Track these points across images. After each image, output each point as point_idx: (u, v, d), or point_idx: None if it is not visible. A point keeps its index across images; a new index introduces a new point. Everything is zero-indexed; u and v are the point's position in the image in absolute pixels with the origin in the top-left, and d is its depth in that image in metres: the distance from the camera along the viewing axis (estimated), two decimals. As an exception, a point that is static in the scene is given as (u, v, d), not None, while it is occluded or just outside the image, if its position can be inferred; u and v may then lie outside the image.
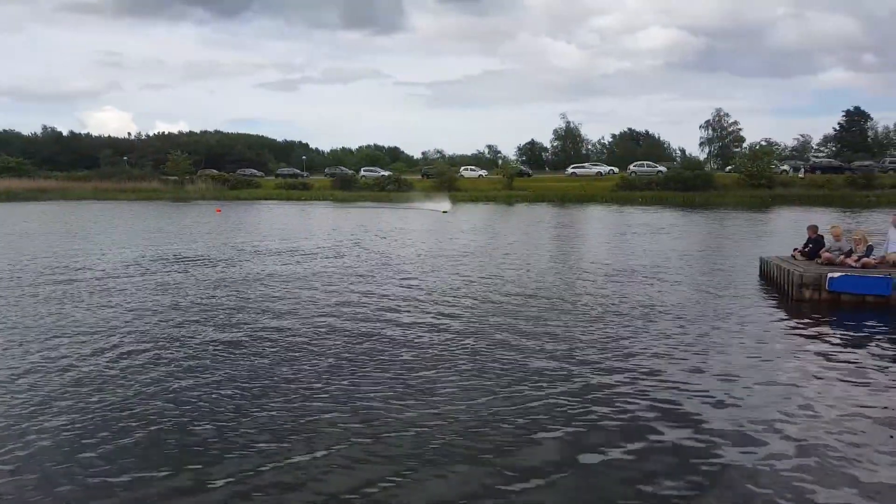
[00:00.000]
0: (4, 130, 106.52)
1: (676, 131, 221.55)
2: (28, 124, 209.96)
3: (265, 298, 13.60)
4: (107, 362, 9.07)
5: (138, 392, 7.88)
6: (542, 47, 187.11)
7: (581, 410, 7.24)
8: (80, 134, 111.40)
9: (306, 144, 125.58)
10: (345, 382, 8.21)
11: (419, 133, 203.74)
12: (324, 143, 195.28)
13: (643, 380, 8.23)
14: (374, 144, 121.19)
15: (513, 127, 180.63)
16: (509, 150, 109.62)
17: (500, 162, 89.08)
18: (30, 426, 6.83)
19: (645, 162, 70.15)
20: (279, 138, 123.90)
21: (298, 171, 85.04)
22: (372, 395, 7.76)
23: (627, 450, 6.26)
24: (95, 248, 23.24)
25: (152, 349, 9.75)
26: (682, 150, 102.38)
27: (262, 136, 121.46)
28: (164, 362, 9.09)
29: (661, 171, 64.75)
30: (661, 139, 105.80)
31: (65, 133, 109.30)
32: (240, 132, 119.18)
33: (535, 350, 9.58)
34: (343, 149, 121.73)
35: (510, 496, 5.46)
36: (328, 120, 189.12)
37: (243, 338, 10.40)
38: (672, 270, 17.36)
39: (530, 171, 76.98)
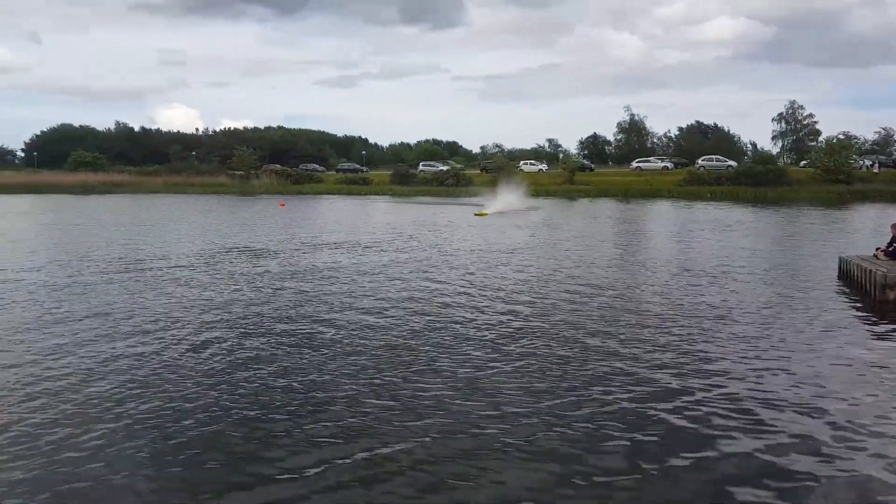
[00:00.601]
0: (81, 126, 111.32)
1: (744, 124, 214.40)
2: (102, 122, 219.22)
3: (327, 291, 13.61)
4: (169, 352, 9.20)
5: (198, 382, 7.93)
6: (601, 39, 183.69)
7: (650, 415, 6.89)
8: (150, 130, 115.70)
9: (366, 140, 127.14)
10: (403, 378, 8.06)
11: (477, 127, 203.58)
12: (382, 138, 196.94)
13: (718, 385, 7.78)
14: (433, 139, 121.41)
15: (572, 120, 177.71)
16: (570, 144, 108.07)
17: (560, 156, 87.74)
18: (88, 414, 6.94)
19: (714, 156, 67.86)
20: (339, 134, 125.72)
21: (358, 166, 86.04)
22: (431, 392, 7.58)
23: (699, 456, 5.89)
24: (167, 238, 23.93)
25: (213, 339, 9.84)
26: (754, 144, 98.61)
27: (323, 132, 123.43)
28: (224, 353, 9.15)
29: (731, 166, 62.49)
30: (731, 132, 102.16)
31: (136, 129, 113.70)
32: (301, 128, 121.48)
33: (600, 350, 9.23)
34: (402, 144, 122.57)
35: (573, 500, 5.19)
36: (386, 115, 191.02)
37: (304, 330, 10.40)
38: (744, 270, 16.58)
39: (593, 166, 75.57)
